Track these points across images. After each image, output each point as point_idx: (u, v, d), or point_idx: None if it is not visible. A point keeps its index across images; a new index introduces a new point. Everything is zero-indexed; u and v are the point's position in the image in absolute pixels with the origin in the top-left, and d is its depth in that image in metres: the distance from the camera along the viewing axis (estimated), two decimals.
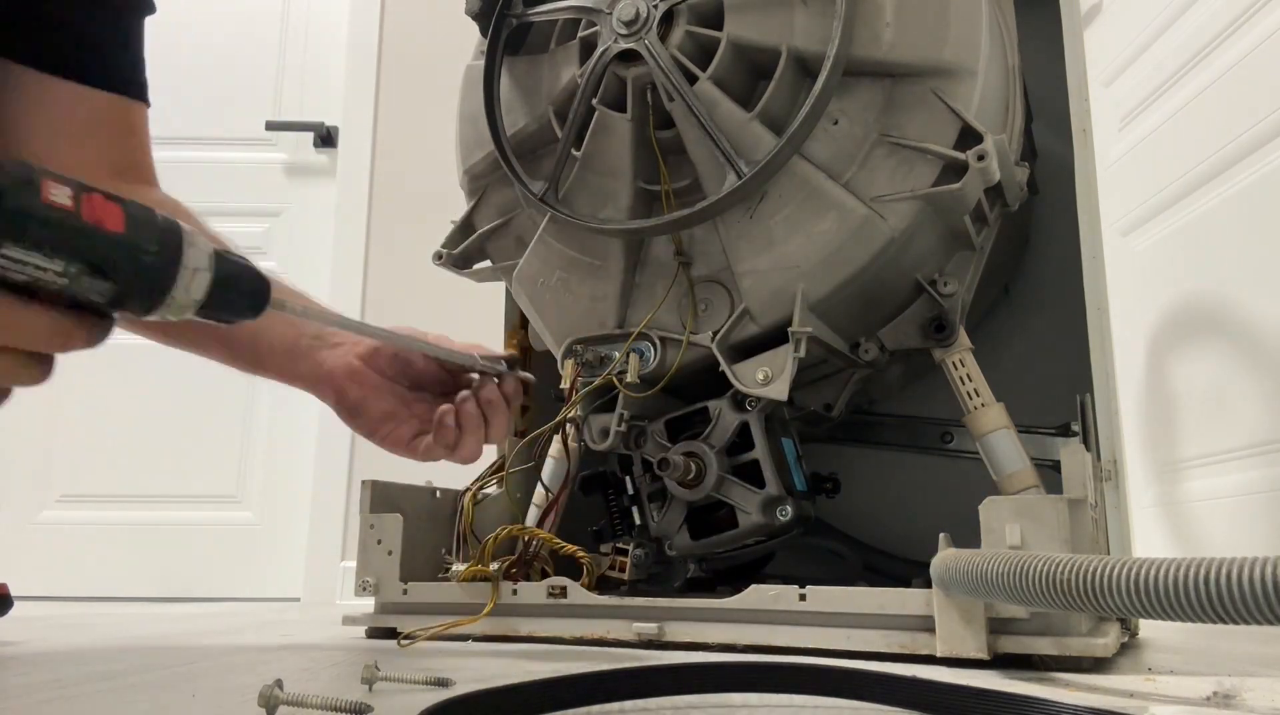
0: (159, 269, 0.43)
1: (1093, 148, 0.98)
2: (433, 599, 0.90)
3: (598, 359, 0.87)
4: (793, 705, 0.51)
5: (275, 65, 2.36)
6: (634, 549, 0.88)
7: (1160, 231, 1.42)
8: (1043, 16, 1.06)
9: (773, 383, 0.79)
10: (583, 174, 0.89)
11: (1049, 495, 0.71)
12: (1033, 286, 1.24)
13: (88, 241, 0.40)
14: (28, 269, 0.39)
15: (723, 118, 0.81)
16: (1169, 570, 0.46)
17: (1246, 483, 1.21)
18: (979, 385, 0.84)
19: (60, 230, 0.39)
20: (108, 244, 0.41)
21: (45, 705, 0.51)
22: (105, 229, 0.40)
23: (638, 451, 0.87)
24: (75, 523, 2.07)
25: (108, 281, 0.41)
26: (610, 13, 0.84)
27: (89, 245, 0.40)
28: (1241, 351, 1.24)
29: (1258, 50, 1.22)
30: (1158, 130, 1.42)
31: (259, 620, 1.31)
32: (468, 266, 1.02)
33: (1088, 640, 0.66)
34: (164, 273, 0.43)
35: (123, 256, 0.41)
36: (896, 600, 0.72)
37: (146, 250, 0.42)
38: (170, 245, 0.43)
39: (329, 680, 0.62)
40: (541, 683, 0.47)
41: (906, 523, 1.17)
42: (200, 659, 0.76)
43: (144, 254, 0.42)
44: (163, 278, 0.43)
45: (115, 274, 0.41)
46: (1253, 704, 0.52)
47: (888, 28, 0.80)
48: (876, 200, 0.79)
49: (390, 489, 0.95)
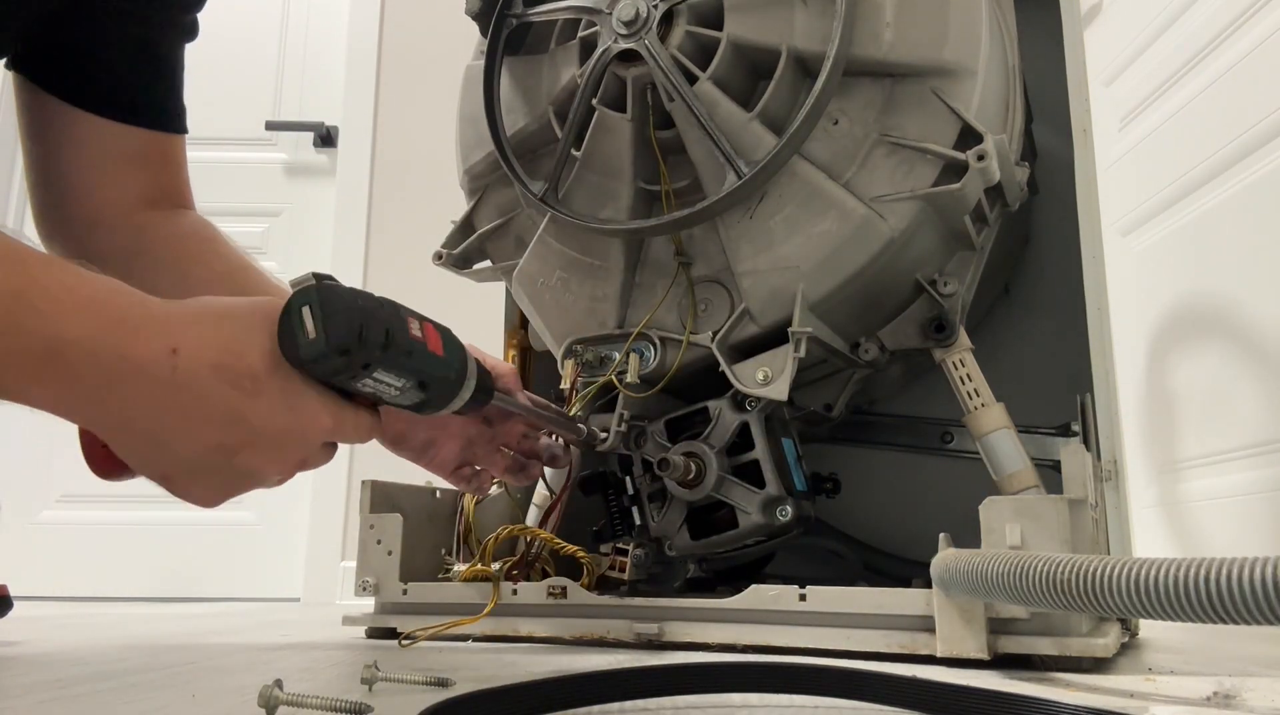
0: (457, 382, 0.53)
1: (1093, 148, 0.98)
2: (433, 599, 0.90)
3: (598, 359, 0.87)
4: (793, 705, 0.51)
5: (275, 65, 2.37)
6: (634, 549, 0.88)
7: (1160, 231, 1.42)
8: (1043, 16, 1.06)
9: (773, 383, 0.79)
10: (583, 174, 0.89)
11: (1049, 495, 0.71)
12: (1033, 286, 1.24)
13: (426, 364, 0.50)
14: (380, 386, 0.49)
15: (723, 118, 0.81)
16: (1169, 570, 0.46)
17: (1246, 483, 1.21)
18: (979, 385, 0.84)
19: (414, 357, 0.49)
20: (435, 364, 0.51)
21: (46, 705, 0.51)
22: (436, 353, 0.51)
23: (638, 452, 0.87)
24: (75, 523, 2.07)
25: (424, 392, 0.52)
26: (610, 13, 0.84)
27: (425, 367, 0.50)
28: (1241, 351, 1.24)
29: (1258, 50, 1.22)
30: (1158, 130, 1.42)
31: (259, 620, 1.31)
32: (468, 266, 1.02)
33: (1088, 640, 0.66)
34: (459, 384, 0.54)
35: (440, 373, 0.52)
36: (896, 600, 0.72)
37: (454, 367, 0.53)
38: (462, 361, 0.54)
39: (329, 680, 0.62)
40: (541, 682, 0.47)
41: (906, 523, 1.17)
42: (200, 659, 0.76)
43: (452, 371, 0.53)
44: (457, 388, 0.54)
45: (431, 386, 0.52)
46: (1253, 704, 0.52)
47: (888, 28, 0.80)
48: (876, 200, 0.79)
49: (390, 489, 0.95)
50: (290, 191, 2.31)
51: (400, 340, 0.48)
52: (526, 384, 1.14)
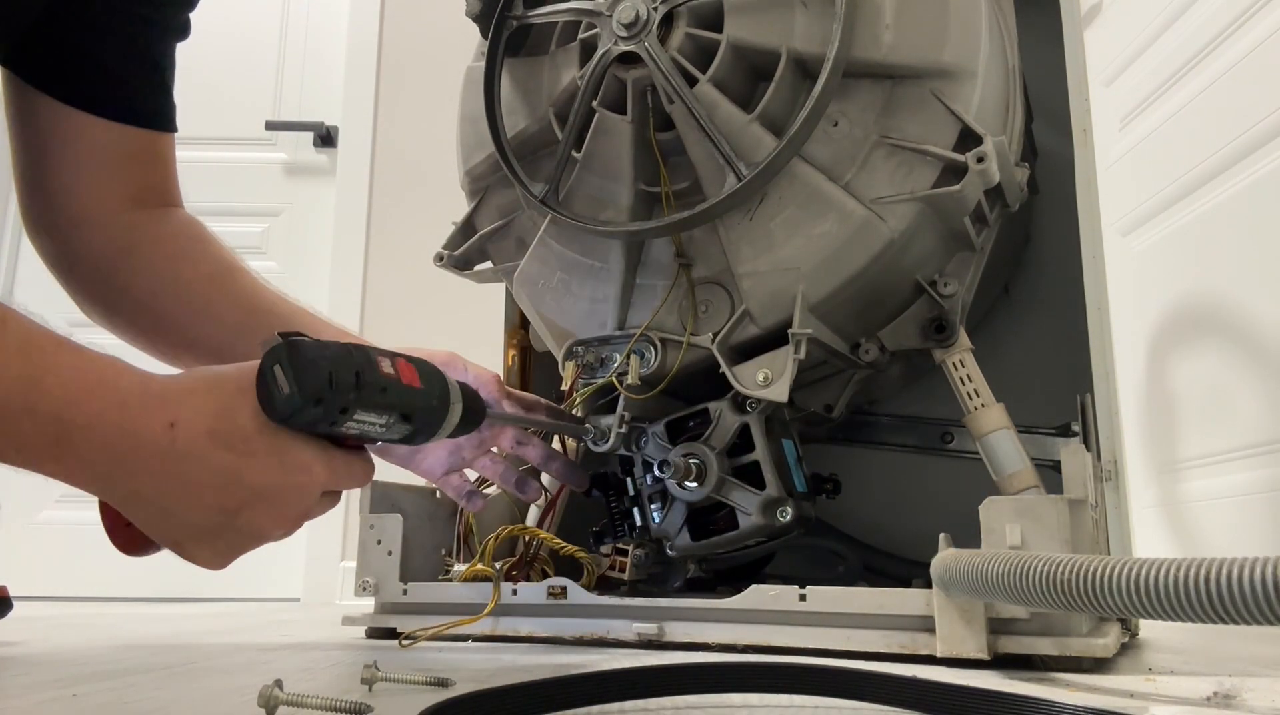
0: (441, 409, 0.54)
1: (1093, 148, 0.98)
2: (432, 599, 0.90)
3: (598, 360, 0.87)
4: (793, 705, 0.51)
5: (275, 65, 2.37)
6: (634, 549, 0.88)
7: (1160, 231, 1.42)
8: (1043, 16, 1.06)
9: (773, 384, 0.79)
10: (583, 176, 0.89)
11: (1049, 495, 0.71)
12: (1033, 286, 1.24)
13: (404, 397, 0.52)
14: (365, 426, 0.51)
15: (723, 120, 0.81)
16: (1169, 570, 0.46)
17: (1246, 483, 1.21)
18: (979, 385, 0.84)
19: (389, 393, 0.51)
20: (414, 396, 0.52)
21: (46, 705, 0.51)
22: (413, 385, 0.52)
23: (638, 452, 0.87)
24: (75, 523, 2.07)
25: (409, 425, 0.53)
26: (610, 15, 0.84)
27: (404, 400, 0.52)
28: (1241, 351, 1.24)
29: (1257, 50, 1.22)
30: (1158, 130, 1.42)
31: (259, 620, 1.31)
32: (468, 268, 1.02)
33: (1088, 640, 0.66)
34: (443, 411, 0.55)
35: (421, 403, 0.53)
36: (896, 600, 0.72)
37: (434, 395, 0.54)
38: (443, 388, 0.55)
39: (329, 680, 0.62)
40: (541, 683, 0.47)
41: (906, 523, 1.17)
42: (200, 659, 0.76)
43: (433, 399, 0.54)
44: (442, 414, 0.55)
45: (415, 417, 0.53)
46: (1253, 704, 0.52)
47: (887, 29, 0.80)
48: (876, 202, 0.79)
49: (390, 489, 0.95)
50: (290, 191, 2.31)
51: (372, 379, 0.50)
52: (526, 385, 1.14)
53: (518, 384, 1.13)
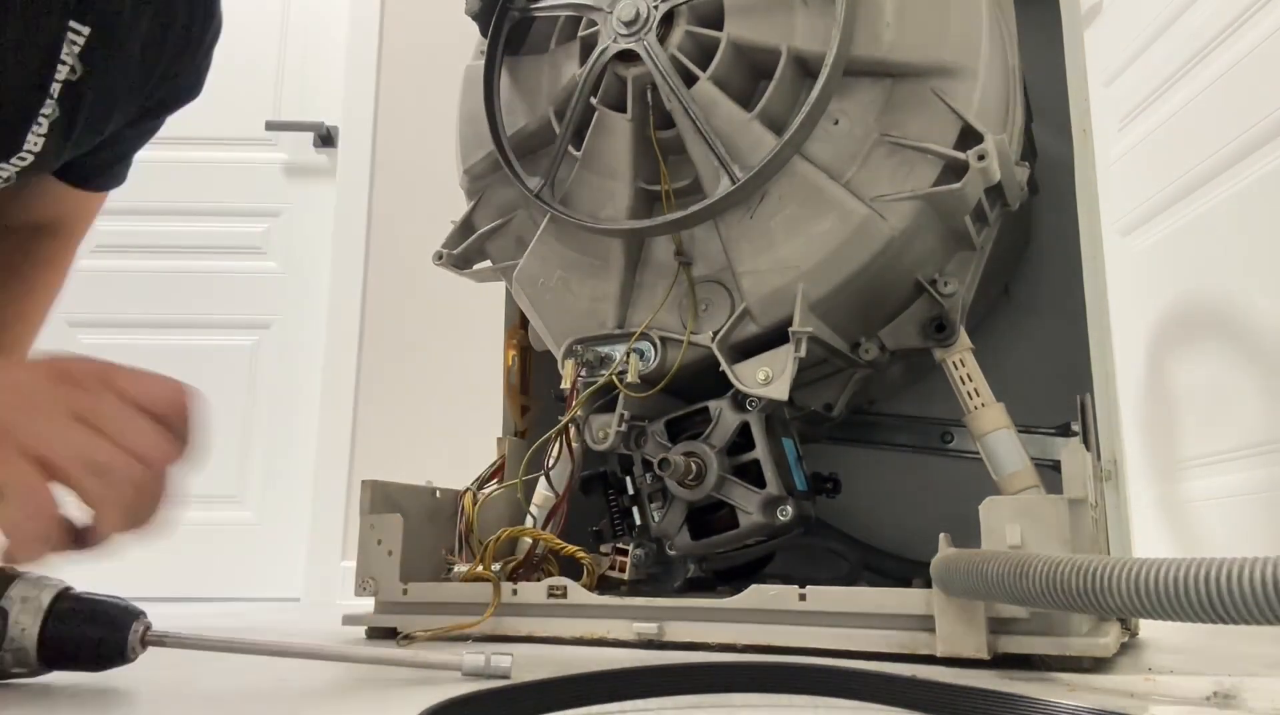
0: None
1: (1093, 148, 0.98)
2: (433, 599, 0.90)
3: (598, 359, 0.87)
4: (793, 705, 0.51)
5: (275, 65, 2.36)
6: (634, 549, 0.88)
7: (1160, 231, 1.42)
8: (1043, 16, 1.06)
9: (773, 383, 0.79)
10: (583, 174, 0.89)
11: (1049, 495, 0.71)
12: (1033, 286, 1.24)
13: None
14: None
15: (722, 118, 0.81)
16: (1169, 570, 0.46)
17: (1246, 483, 1.21)
18: (979, 385, 0.84)
19: None
20: None
21: (46, 705, 0.51)
22: None
23: (638, 451, 0.87)
24: None
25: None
26: (610, 12, 0.84)
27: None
28: (1241, 351, 1.24)
29: (1257, 50, 1.22)
30: (1157, 130, 1.42)
31: (259, 620, 1.31)
32: (468, 267, 1.02)
33: (1088, 640, 0.65)
34: None
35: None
36: (896, 600, 0.72)
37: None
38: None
39: (329, 680, 0.61)
40: (542, 682, 0.47)
41: (906, 523, 1.17)
42: (200, 659, 0.76)
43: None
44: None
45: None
46: (1253, 704, 0.52)
47: (888, 28, 0.80)
48: (877, 200, 0.79)
49: (390, 489, 0.95)
50: (290, 191, 2.31)
51: None
52: (525, 385, 1.14)
53: (518, 383, 1.13)
